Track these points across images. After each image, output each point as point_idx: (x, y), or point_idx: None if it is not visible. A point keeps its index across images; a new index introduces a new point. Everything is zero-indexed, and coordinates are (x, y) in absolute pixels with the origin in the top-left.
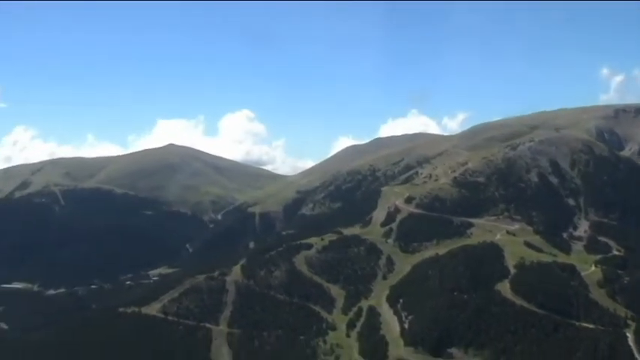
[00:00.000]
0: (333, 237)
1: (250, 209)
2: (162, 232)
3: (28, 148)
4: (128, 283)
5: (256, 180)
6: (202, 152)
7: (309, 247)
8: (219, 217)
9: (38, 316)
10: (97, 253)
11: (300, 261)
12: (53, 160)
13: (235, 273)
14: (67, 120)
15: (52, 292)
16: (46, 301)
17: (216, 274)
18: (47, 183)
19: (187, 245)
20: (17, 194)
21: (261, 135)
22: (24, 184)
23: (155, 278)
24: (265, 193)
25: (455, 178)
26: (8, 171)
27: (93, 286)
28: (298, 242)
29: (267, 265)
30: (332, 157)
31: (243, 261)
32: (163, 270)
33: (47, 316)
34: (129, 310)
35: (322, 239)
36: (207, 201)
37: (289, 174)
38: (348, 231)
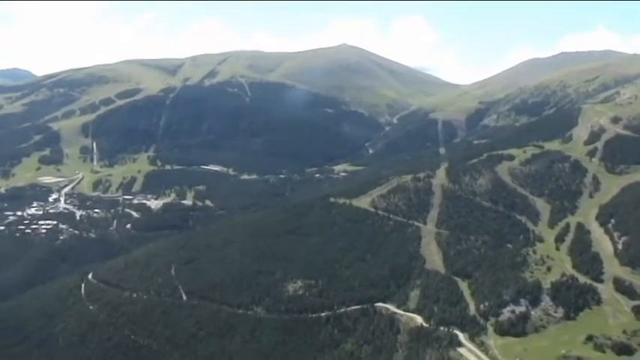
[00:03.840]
0: (536, 150)
1: (432, 115)
2: (342, 130)
3: (210, 39)
4: (317, 176)
5: (428, 86)
6: (375, 54)
7: (511, 158)
8: (395, 120)
9: (238, 197)
10: (284, 144)
11: (502, 171)
12: (236, 51)
13: (440, 176)
14: (241, 13)
15: (245, 176)
16: (242, 185)
17: (422, 175)
18: (233, 74)
19: (367, 144)
20: (207, 82)
21: (431, 41)
22: (212, 73)
23: (343, 174)
24: (439, 100)
25: None
26: (196, 59)
27: (281, 176)
28: (500, 152)
29: (470, 172)
30: (511, 69)
31: (444, 165)
32: (347, 167)
33: (246, 199)
34: (340, 201)
35: (524, 151)
36: (383, 104)
37: (459, 82)
38: (548, 146)
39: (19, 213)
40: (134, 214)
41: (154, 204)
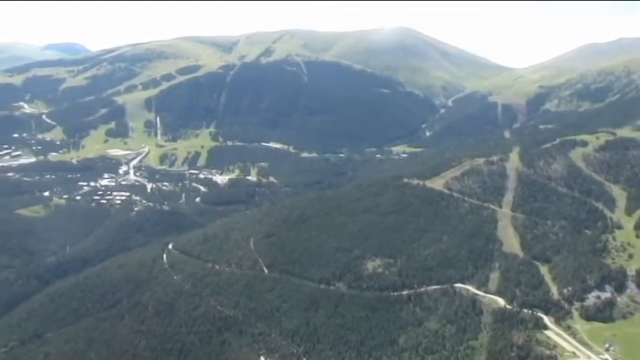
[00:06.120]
0: (609, 137)
1: (491, 99)
2: (398, 111)
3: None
4: (378, 156)
5: (482, 69)
6: (428, 36)
7: (584, 144)
8: (450, 102)
9: (301, 175)
10: (341, 123)
11: (576, 156)
12: (290, 30)
13: (513, 160)
14: None
15: (306, 154)
16: (303, 163)
17: (495, 159)
18: (289, 52)
19: (423, 126)
20: (263, 60)
21: (481, 24)
22: (267, 52)
23: (403, 155)
24: (494, 83)
25: None
26: (250, 37)
27: (341, 155)
28: (572, 138)
29: (544, 157)
30: (567, 53)
31: (516, 149)
32: (406, 148)
33: (309, 176)
34: (414, 182)
35: (597, 138)
36: (438, 86)
37: (509, 65)
38: (619, 132)
39: (92, 184)
40: (201, 188)
41: (220, 179)
